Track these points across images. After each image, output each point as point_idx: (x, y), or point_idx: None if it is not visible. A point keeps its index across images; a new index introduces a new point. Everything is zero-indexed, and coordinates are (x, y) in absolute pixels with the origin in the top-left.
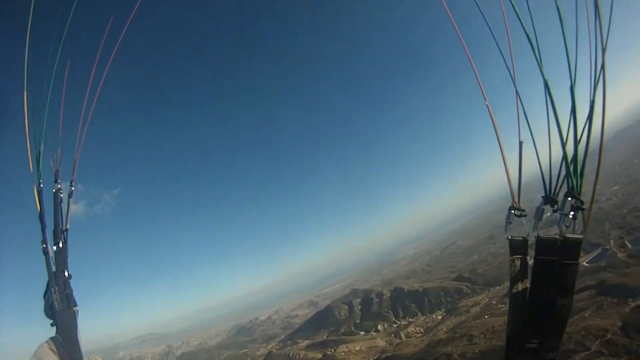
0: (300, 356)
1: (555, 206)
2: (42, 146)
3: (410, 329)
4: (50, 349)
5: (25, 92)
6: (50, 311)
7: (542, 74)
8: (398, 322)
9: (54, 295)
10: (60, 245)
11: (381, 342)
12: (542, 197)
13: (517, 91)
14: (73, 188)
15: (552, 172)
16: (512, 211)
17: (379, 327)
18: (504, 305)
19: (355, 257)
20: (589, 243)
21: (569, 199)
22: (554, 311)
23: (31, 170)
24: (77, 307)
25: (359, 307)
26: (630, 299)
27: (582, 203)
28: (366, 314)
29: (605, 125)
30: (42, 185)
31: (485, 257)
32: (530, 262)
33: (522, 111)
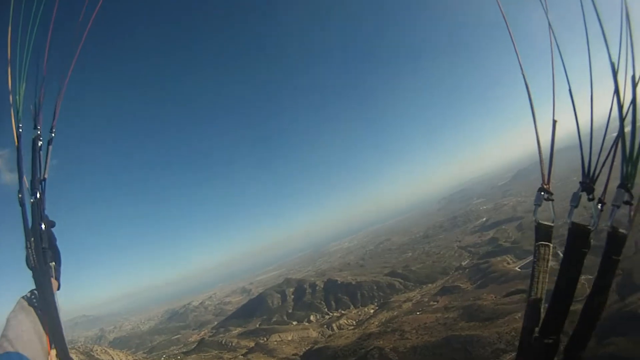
0: (233, 344)
1: (591, 195)
2: (23, 85)
3: (343, 321)
4: (30, 304)
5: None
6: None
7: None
8: (330, 314)
9: (29, 250)
10: (38, 195)
11: (313, 333)
12: (580, 182)
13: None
14: (54, 135)
15: (592, 155)
16: (542, 193)
17: (312, 317)
18: (435, 303)
19: (290, 247)
20: (521, 250)
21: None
22: (586, 308)
23: (12, 112)
24: (53, 263)
25: (292, 296)
26: None
27: (632, 197)
28: (299, 304)
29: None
30: (20, 131)
31: (419, 255)
32: (559, 250)
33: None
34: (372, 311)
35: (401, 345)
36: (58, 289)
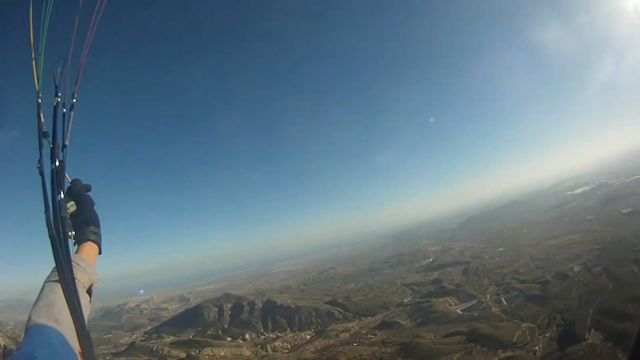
0: (164, 352)
1: None
2: (43, 50)
3: (278, 343)
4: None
5: None
6: None
7: None
8: (266, 335)
9: (49, 220)
10: (57, 164)
11: (247, 352)
12: None
13: None
14: (75, 100)
15: None
16: None
17: (247, 336)
18: (374, 336)
19: (233, 261)
20: (465, 293)
21: None
22: None
23: (35, 78)
24: (73, 232)
25: (229, 312)
26: (499, 350)
27: None
28: (235, 321)
29: None
30: (40, 100)
31: (362, 287)
32: None
33: None
34: (308, 337)
35: None
36: (99, 253)
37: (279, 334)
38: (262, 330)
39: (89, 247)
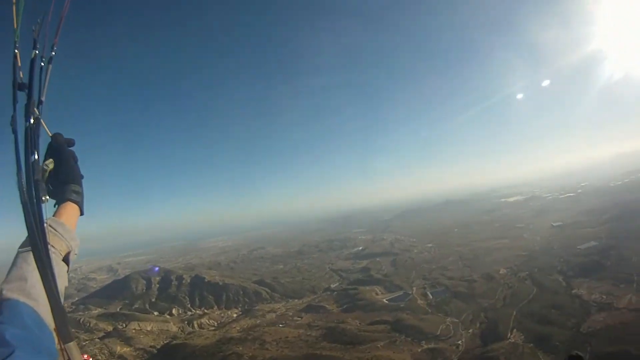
0: (91, 325)
1: None
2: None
3: (204, 320)
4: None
5: None
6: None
7: None
8: (193, 311)
9: (20, 183)
10: (32, 121)
11: (173, 327)
12: None
13: None
14: (54, 53)
15: None
16: None
17: (174, 311)
18: (300, 319)
19: (165, 234)
20: (392, 284)
21: None
22: None
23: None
24: (47, 198)
25: (157, 285)
26: (423, 342)
27: None
28: (163, 295)
29: None
30: (17, 51)
31: (291, 269)
32: None
33: None
34: (235, 315)
35: (260, 355)
36: (81, 214)
37: (205, 311)
38: (189, 305)
39: (70, 209)
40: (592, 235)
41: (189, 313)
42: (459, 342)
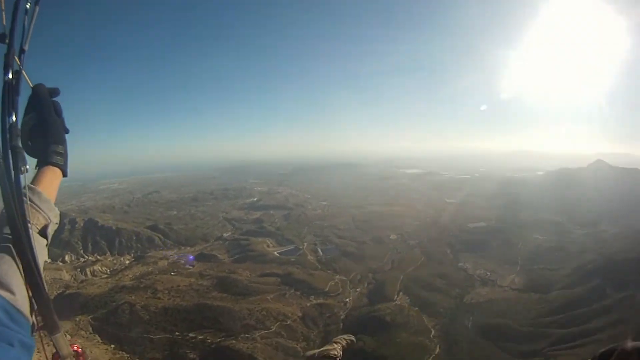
0: None
1: None
2: None
3: (97, 267)
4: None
5: None
6: None
7: None
8: (86, 257)
9: None
10: (11, 75)
11: (66, 275)
12: None
13: None
14: None
15: None
16: None
17: (67, 257)
18: (191, 268)
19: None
20: (283, 238)
21: None
22: None
23: None
24: (27, 167)
25: None
26: (312, 296)
27: None
28: (55, 240)
29: None
30: None
31: (184, 216)
32: None
33: None
34: (127, 262)
35: (152, 304)
36: (64, 175)
37: (98, 257)
38: (82, 252)
39: (50, 173)
40: (483, 216)
41: (82, 260)
42: (347, 299)
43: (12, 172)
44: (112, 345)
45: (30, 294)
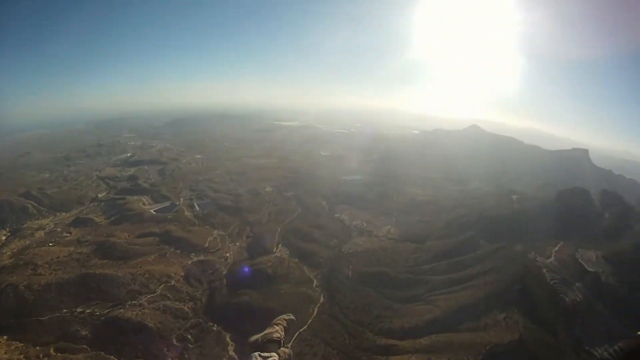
0: None
1: None
2: None
3: None
4: None
5: None
6: None
7: None
8: None
9: None
10: None
11: None
12: None
13: None
14: None
15: None
16: None
17: None
18: (68, 235)
19: None
20: (159, 194)
21: None
22: None
23: None
24: None
25: None
26: (192, 254)
27: None
28: None
29: None
30: None
31: (57, 178)
32: None
33: None
34: (4, 238)
35: (35, 281)
36: None
37: None
38: None
39: None
40: (358, 170)
41: None
42: (227, 254)
43: None
44: (5, 337)
45: None
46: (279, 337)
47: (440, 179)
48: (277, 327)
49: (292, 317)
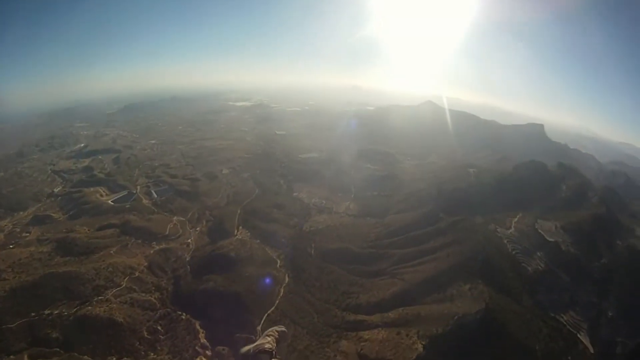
0: None
1: None
2: None
3: None
4: None
5: None
6: None
7: None
8: None
9: None
10: None
11: None
12: None
13: None
14: None
15: None
16: None
17: None
18: (28, 234)
19: None
20: (116, 184)
21: None
22: None
23: None
24: None
25: None
26: (154, 242)
27: None
28: None
29: None
30: None
31: (12, 176)
32: None
33: None
34: None
35: (0, 288)
36: None
37: None
38: None
39: None
40: (314, 147)
41: None
42: (189, 240)
43: None
44: None
45: None
46: (270, 348)
47: (396, 154)
48: (269, 338)
49: (284, 329)
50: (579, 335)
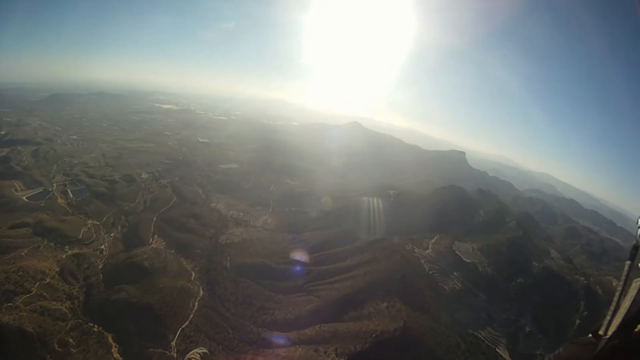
0: None
1: None
2: None
3: None
4: None
5: None
6: None
7: None
8: None
9: None
10: None
11: None
12: None
13: None
14: None
15: None
16: None
17: None
18: None
19: None
20: (32, 179)
21: None
22: None
23: None
24: None
25: None
26: (67, 246)
27: None
28: None
29: None
30: None
31: None
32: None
33: None
34: None
35: None
36: None
37: None
38: None
39: None
40: (235, 158)
41: None
42: (102, 246)
43: None
44: None
45: None
46: None
47: (318, 171)
48: None
49: (206, 351)
50: (497, 350)
